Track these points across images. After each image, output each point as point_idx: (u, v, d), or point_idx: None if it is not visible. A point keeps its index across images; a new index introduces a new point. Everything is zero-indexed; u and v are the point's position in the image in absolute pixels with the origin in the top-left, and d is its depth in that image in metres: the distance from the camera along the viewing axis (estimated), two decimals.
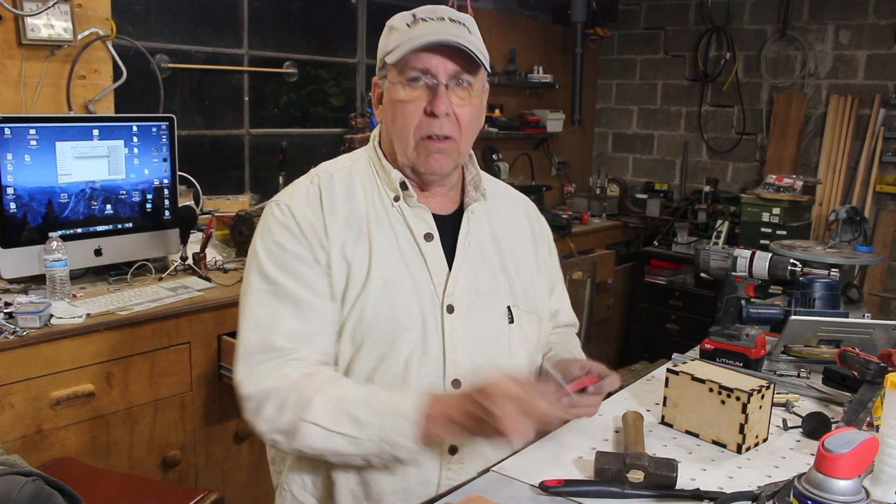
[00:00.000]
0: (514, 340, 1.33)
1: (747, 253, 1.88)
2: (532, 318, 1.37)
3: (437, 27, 1.22)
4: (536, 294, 1.41)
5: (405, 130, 1.24)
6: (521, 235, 1.43)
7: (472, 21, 1.29)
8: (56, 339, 2.06)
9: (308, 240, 1.24)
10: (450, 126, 1.24)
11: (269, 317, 1.21)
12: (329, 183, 1.30)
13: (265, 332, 1.21)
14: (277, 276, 1.23)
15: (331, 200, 1.28)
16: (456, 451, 1.26)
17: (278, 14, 3.62)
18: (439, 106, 1.21)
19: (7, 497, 1.04)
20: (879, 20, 4.27)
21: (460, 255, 1.30)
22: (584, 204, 4.82)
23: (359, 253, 1.25)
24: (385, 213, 1.29)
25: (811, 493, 0.95)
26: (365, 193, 1.30)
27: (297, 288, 1.22)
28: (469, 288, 1.29)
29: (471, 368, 1.26)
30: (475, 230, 1.34)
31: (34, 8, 2.47)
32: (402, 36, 1.23)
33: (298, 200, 1.28)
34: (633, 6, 5.16)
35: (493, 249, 1.36)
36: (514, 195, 1.50)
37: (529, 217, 1.48)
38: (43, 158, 2.33)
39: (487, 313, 1.30)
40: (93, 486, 1.83)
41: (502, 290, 1.34)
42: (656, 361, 4.14)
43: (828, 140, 4.45)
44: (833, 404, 1.62)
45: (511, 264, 1.37)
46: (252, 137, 3.59)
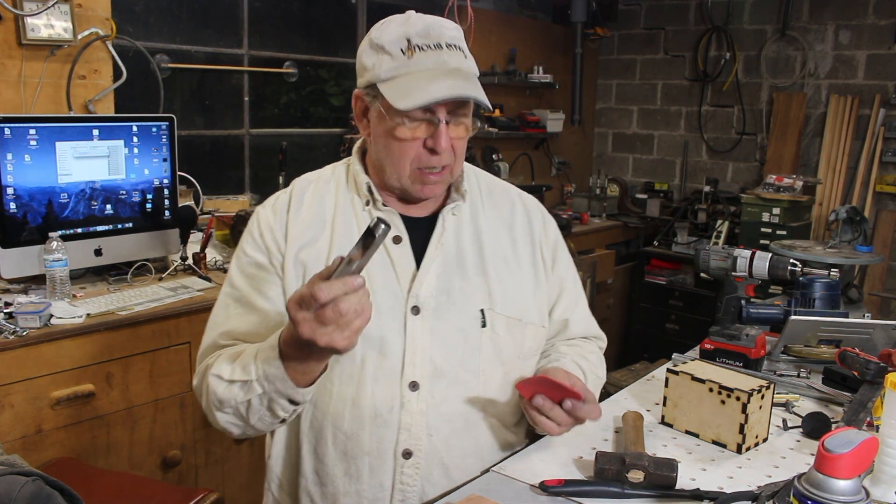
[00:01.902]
0: (485, 345, 1.28)
1: (747, 253, 1.88)
2: (513, 322, 1.31)
3: (436, 60, 1.17)
4: (526, 299, 1.35)
5: (401, 162, 1.22)
6: (514, 237, 1.38)
7: (461, 36, 1.24)
8: (56, 339, 2.06)
9: (266, 245, 1.28)
10: (448, 157, 1.22)
11: (224, 318, 1.29)
12: (303, 190, 1.33)
13: (215, 331, 1.29)
14: (237, 280, 1.30)
15: (298, 205, 1.30)
16: (410, 456, 1.24)
17: (278, 14, 3.62)
18: (441, 143, 1.19)
19: (7, 497, 1.04)
20: (879, 20, 4.27)
21: (429, 257, 1.27)
22: (584, 204, 4.83)
23: (316, 255, 1.26)
24: (354, 217, 1.29)
25: (811, 493, 0.95)
26: (337, 199, 1.31)
27: (249, 292, 1.27)
28: (439, 290, 1.26)
29: (432, 371, 1.23)
30: (453, 232, 1.31)
31: (34, 8, 2.47)
32: (397, 66, 1.18)
33: (267, 209, 1.33)
34: (633, 6, 5.16)
35: (473, 252, 1.32)
36: (515, 196, 1.45)
37: (531, 218, 1.42)
38: (43, 158, 2.33)
39: (456, 316, 1.27)
40: (93, 486, 1.83)
41: (477, 292, 1.29)
42: (656, 361, 4.15)
43: (828, 140, 4.45)
44: (833, 404, 1.62)
45: (492, 267, 1.32)
46: (252, 137, 3.59)
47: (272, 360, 1.10)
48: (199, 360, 1.30)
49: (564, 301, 1.44)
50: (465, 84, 1.17)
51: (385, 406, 1.22)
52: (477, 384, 1.27)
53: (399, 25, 1.20)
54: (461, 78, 1.18)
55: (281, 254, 1.27)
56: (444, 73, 1.17)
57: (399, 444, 1.23)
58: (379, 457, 1.24)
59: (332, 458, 1.26)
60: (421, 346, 1.24)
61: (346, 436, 1.24)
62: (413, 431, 1.23)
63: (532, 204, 1.46)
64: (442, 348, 1.25)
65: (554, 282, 1.42)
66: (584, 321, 1.48)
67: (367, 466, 1.24)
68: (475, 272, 1.30)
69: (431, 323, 1.25)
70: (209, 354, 1.28)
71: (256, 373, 1.12)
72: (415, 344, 1.24)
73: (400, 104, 1.15)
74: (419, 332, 1.24)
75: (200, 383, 1.25)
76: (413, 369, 1.23)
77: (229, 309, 1.29)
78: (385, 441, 1.23)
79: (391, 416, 1.23)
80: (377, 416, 1.23)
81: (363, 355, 1.22)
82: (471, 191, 1.36)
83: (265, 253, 1.28)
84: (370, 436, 1.23)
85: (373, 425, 1.23)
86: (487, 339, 1.28)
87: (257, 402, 1.14)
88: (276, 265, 1.27)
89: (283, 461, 1.34)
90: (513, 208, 1.41)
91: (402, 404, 1.22)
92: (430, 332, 1.25)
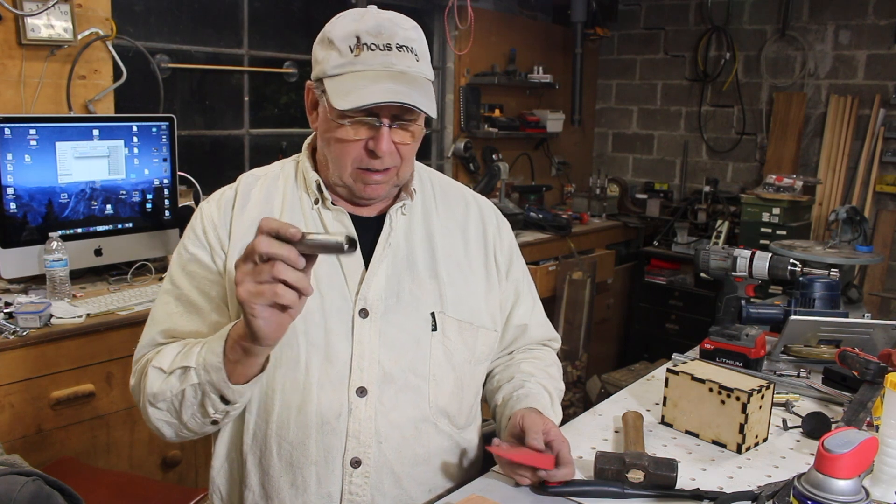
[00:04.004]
0: (435, 350, 1.24)
1: (747, 253, 1.88)
2: (465, 326, 1.28)
3: (382, 61, 1.14)
4: (478, 303, 1.31)
5: (342, 161, 1.19)
6: (467, 240, 1.34)
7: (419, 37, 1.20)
8: (56, 339, 2.06)
9: (209, 242, 1.25)
10: (391, 160, 1.19)
11: (163, 316, 1.26)
12: (249, 186, 1.29)
13: (154, 329, 1.26)
14: (178, 277, 1.26)
15: (244, 202, 1.27)
16: (359, 465, 1.20)
17: (278, 14, 3.63)
18: (381, 147, 1.15)
19: (7, 497, 1.04)
20: (879, 20, 4.27)
21: (377, 258, 1.24)
22: (584, 204, 4.82)
23: None
24: (302, 215, 1.26)
25: (811, 493, 0.95)
26: (285, 197, 1.27)
27: (190, 290, 1.25)
28: (389, 292, 1.23)
29: (380, 376, 1.20)
30: (403, 233, 1.28)
31: (34, 8, 2.47)
32: (343, 63, 1.15)
33: (211, 203, 1.29)
34: (633, 6, 5.16)
35: (424, 254, 1.28)
36: (470, 198, 1.40)
37: (485, 221, 1.38)
38: (43, 158, 2.33)
39: (406, 319, 1.23)
40: (93, 486, 1.83)
41: (428, 295, 1.26)
42: (656, 361, 4.15)
43: (828, 140, 4.45)
44: (833, 404, 1.62)
45: (444, 270, 1.28)
46: (252, 137, 3.59)
47: (215, 349, 1.08)
48: (136, 359, 1.26)
49: (522, 306, 1.42)
50: (407, 89, 1.13)
51: (332, 413, 1.19)
52: (428, 389, 1.24)
53: (352, 21, 1.17)
54: (405, 83, 1.14)
55: (224, 252, 1.24)
56: (388, 76, 1.14)
57: (347, 453, 1.19)
58: (326, 466, 1.20)
59: (278, 470, 1.21)
60: (369, 350, 1.20)
61: (291, 445, 1.20)
62: (361, 439, 1.20)
63: (487, 207, 1.42)
64: (391, 352, 1.21)
65: (509, 287, 1.39)
66: (542, 325, 1.47)
67: (314, 476, 1.20)
68: (427, 274, 1.27)
69: (380, 326, 1.21)
70: (147, 352, 1.25)
71: (197, 360, 1.11)
72: (362, 348, 1.20)
73: (338, 103, 1.13)
74: (367, 336, 1.20)
75: (138, 383, 1.23)
76: (361, 374, 1.19)
77: (170, 307, 1.26)
78: (332, 450, 1.19)
79: (339, 424, 1.19)
80: (324, 424, 1.19)
81: (307, 361, 1.19)
82: (423, 191, 1.33)
83: (207, 251, 1.25)
84: (317, 444, 1.19)
85: (319, 433, 1.19)
86: (438, 343, 1.25)
87: (191, 394, 1.12)
88: (218, 263, 1.24)
89: (227, 475, 1.30)
90: (467, 211, 1.37)
91: (350, 411, 1.19)
92: (379, 336, 1.21)
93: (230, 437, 1.29)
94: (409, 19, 1.21)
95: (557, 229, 4.07)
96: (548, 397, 1.34)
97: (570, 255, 4.12)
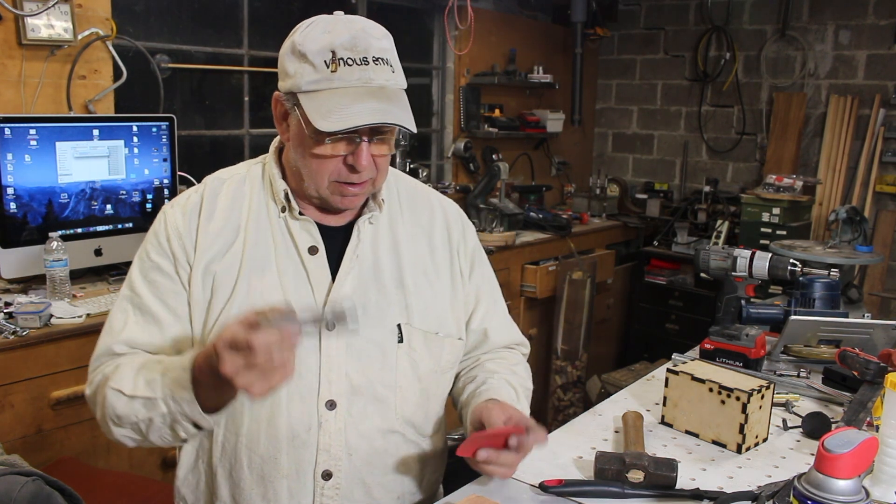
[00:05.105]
0: (401, 361, 1.24)
1: (747, 253, 1.88)
2: (430, 337, 1.27)
3: (361, 76, 1.12)
4: (444, 311, 1.31)
5: (319, 175, 1.18)
6: (433, 246, 1.33)
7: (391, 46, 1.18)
8: (56, 339, 2.06)
9: (172, 252, 1.22)
10: (369, 173, 1.18)
11: (121, 323, 1.23)
12: (215, 191, 1.26)
13: (112, 338, 1.22)
14: (139, 284, 1.24)
15: (210, 210, 1.24)
16: (330, 477, 1.20)
17: (278, 14, 3.62)
18: (361, 162, 1.15)
19: (7, 497, 1.04)
20: (879, 20, 4.27)
21: (344, 269, 1.23)
22: (584, 204, 4.82)
23: (227, 265, 1.21)
24: (269, 224, 1.24)
25: (811, 492, 0.95)
26: (251, 203, 1.25)
27: (151, 300, 1.22)
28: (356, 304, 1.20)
29: (349, 388, 1.20)
30: (370, 243, 1.27)
31: (34, 8, 2.47)
32: (320, 79, 1.12)
33: (176, 209, 1.25)
34: (633, 6, 5.16)
35: (390, 263, 1.28)
36: (435, 202, 1.39)
37: (449, 226, 1.37)
38: (43, 158, 2.33)
39: (372, 331, 1.23)
40: (93, 486, 1.83)
41: (394, 306, 1.25)
42: (656, 361, 4.15)
43: (828, 140, 4.45)
44: (833, 404, 1.62)
45: (410, 279, 1.27)
46: (252, 137, 3.59)
47: (183, 383, 1.07)
48: (92, 367, 1.24)
49: (481, 310, 1.39)
50: (388, 107, 1.12)
51: (302, 426, 1.19)
52: (395, 400, 1.24)
53: (324, 33, 1.14)
54: (385, 99, 1.13)
55: (189, 264, 1.22)
56: (368, 92, 1.12)
57: (318, 466, 1.20)
58: (298, 479, 1.20)
59: (249, 483, 1.21)
60: (336, 363, 1.20)
61: (262, 458, 1.20)
62: (332, 452, 1.20)
63: (452, 210, 1.40)
64: (358, 364, 1.21)
65: (471, 290, 1.37)
66: (504, 329, 1.43)
67: (285, 490, 1.20)
68: (392, 284, 1.26)
69: (347, 339, 1.20)
70: (103, 362, 1.22)
71: (163, 391, 1.10)
72: (330, 361, 1.20)
73: (321, 124, 1.10)
74: (335, 349, 1.20)
75: (95, 393, 1.20)
76: (329, 387, 1.19)
77: (128, 315, 1.23)
78: (303, 462, 1.20)
79: (309, 437, 1.19)
80: (294, 437, 1.19)
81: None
82: (389, 198, 1.32)
83: (170, 260, 1.22)
84: (288, 458, 1.19)
85: (290, 446, 1.19)
86: (404, 355, 1.25)
87: (160, 421, 1.12)
88: (181, 275, 1.22)
89: (194, 486, 1.28)
90: (432, 216, 1.36)
91: (320, 424, 1.19)
92: (346, 349, 1.21)
93: (197, 448, 1.27)
94: (380, 27, 1.19)
95: (557, 229, 4.07)
96: (512, 392, 1.32)
97: (570, 255, 4.12)
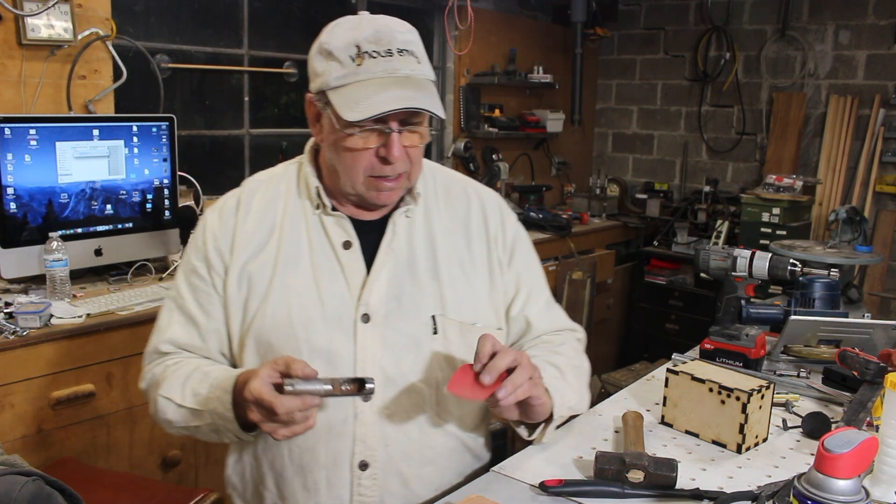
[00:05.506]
0: (436, 352, 1.25)
1: (747, 253, 1.88)
2: (466, 328, 1.27)
3: (385, 67, 1.14)
4: (481, 302, 1.30)
5: (354, 171, 1.20)
6: (469, 237, 1.33)
7: (416, 39, 1.20)
8: (56, 339, 2.06)
9: (207, 257, 1.28)
10: (402, 165, 1.19)
11: (165, 322, 1.31)
12: (253, 192, 1.31)
13: (159, 336, 1.31)
14: (182, 286, 1.31)
15: (246, 210, 1.29)
16: (367, 467, 1.23)
17: (278, 14, 3.63)
18: (393, 153, 1.16)
19: (7, 497, 1.04)
20: (879, 20, 4.27)
21: (379, 263, 1.25)
22: (584, 204, 4.82)
23: (262, 263, 1.25)
24: (303, 221, 1.27)
25: (811, 492, 0.95)
26: (287, 202, 1.29)
27: (190, 301, 1.29)
28: (390, 296, 1.24)
29: (384, 380, 1.21)
30: (405, 236, 1.28)
31: (34, 8, 2.47)
32: (346, 74, 1.15)
33: (214, 213, 1.31)
34: (633, 6, 5.16)
35: (426, 255, 1.28)
36: (472, 192, 1.38)
37: (487, 216, 1.36)
38: (43, 158, 2.33)
39: (407, 323, 1.24)
40: (93, 486, 1.83)
41: (428, 298, 1.26)
42: (656, 361, 4.15)
43: (828, 140, 4.45)
44: (833, 404, 1.62)
45: (445, 271, 1.28)
46: (252, 137, 3.59)
47: (225, 404, 1.16)
48: (145, 362, 1.33)
49: (522, 297, 1.37)
50: (415, 94, 1.14)
51: (338, 418, 1.21)
52: (430, 392, 1.25)
53: (349, 30, 1.17)
54: (412, 87, 1.15)
55: (224, 265, 1.26)
56: (394, 81, 1.14)
57: (355, 456, 1.22)
58: (335, 469, 1.23)
59: (290, 472, 1.25)
60: (371, 355, 1.22)
61: (301, 449, 1.23)
62: (368, 443, 1.22)
63: (490, 200, 1.39)
64: (393, 357, 1.23)
65: (510, 279, 1.36)
66: (546, 315, 1.40)
67: (324, 479, 1.23)
68: (427, 276, 1.27)
69: (382, 331, 1.23)
70: (154, 360, 1.31)
71: (208, 407, 1.19)
72: (365, 353, 1.22)
73: (348, 115, 1.13)
74: (369, 341, 1.22)
75: (147, 391, 1.31)
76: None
77: (172, 315, 1.31)
78: (340, 453, 1.22)
79: (345, 428, 1.22)
80: (331, 429, 1.22)
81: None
82: (426, 191, 1.33)
83: (205, 265, 1.27)
84: (325, 448, 1.23)
85: (327, 437, 1.22)
86: (439, 346, 1.25)
87: (206, 429, 1.22)
88: (215, 281, 1.27)
89: (241, 475, 1.34)
90: (469, 206, 1.36)
91: (356, 415, 1.22)
92: (381, 341, 1.22)
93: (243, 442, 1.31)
94: (404, 22, 1.21)
95: (557, 229, 4.07)
96: (554, 370, 1.27)
97: (570, 255, 4.12)
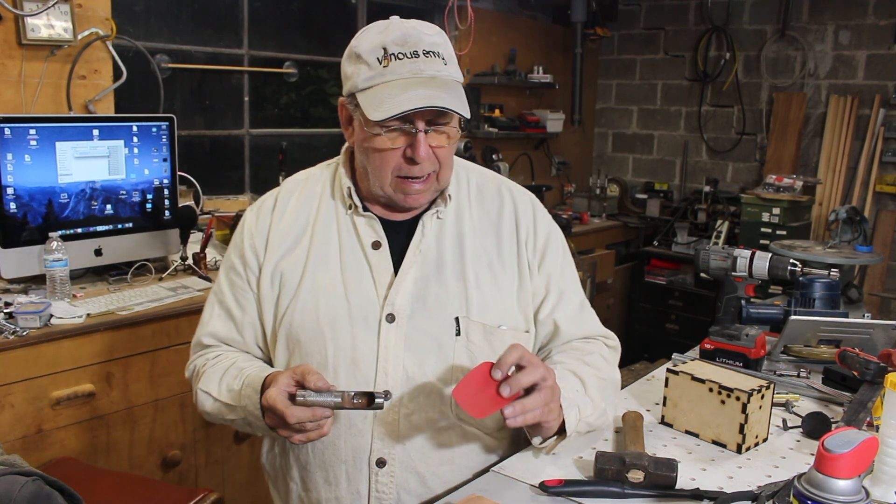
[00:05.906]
0: (459, 354, 1.25)
1: (747, 253, 1.88)
2: (491, 330, 1.26)
3: (411, 68, 1.15)
4: (507, 304, 1.29)
5: (382, 171, 1.21)
6: (500, 238, 1.32)
7: (444, 41, 1.21)
8: (56, 339, 2.06)
9: (244, 255, 1.32)
10: (430, 165, 1.20)
11: (207, 316, 1.37)
12: (290, 192, 1.35)
13: (202, 329, 1.37)
14: (222, 282, 1.36)
15: (283, 209, 1.33)
16: (384, 465, 1.25)
17: (278, 14, 3.63)
18: (419, 153, 1.17)
19: (7, 497, 1.04)
20: (879, 20, 4.27)
21: (407, 263, 1.26)
22: (584, 204, 4.83)
23: (294, 261, 1.29)
24: (336, 221, 1.30)
25: (811, 492, 0.95)
26: (321, 203, 1.32)
27: (228, 296, 1.34)
28: (416, 297, 1.25)
29: (405, 380, 1.23)
30: (434, 236, 1.29)
31: (34, 8, 2.47)
32: (373, 76, 1.16)
33: (253, 212, 1.36)
34: (633, 6, 5.16)
35: (454, 255, 1.28)
36: (506, 192, 1.37)
37: (518, 218, 1.34)
38: (43, 158, 2.33)
39: (431, 324, 1.24)
40: (93, 486, 1.83)
41: (454, 299, 1.26)
42: (656, 361, 4.15)
43: (828, 140, 4.45)
44: (833, 404, 1.62)
45: (472, 272, 1.27)
46: (252, 137, 3.59)
47: (255, 402, 1.19)
48: (191, 352, 1.40)
49: (551, 301, 1.34)
50: (439, 93, 1.15)
51: (359, 414, 1.24)
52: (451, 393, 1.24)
53: (377, 34, 1.19)
54: (436, 87, 1.16)
55: (258, 263, 1.31)
56: (419, 82, 1.15)
57: (373, 453, 1.25)
58: (355, 465, 1.26)
59: (314, 465, 1.29)
60: (394, 354, 1.23)
61: (323, 444, 1.26)
62: (386, 440, 1.24)
63: (523, 201, 1.37)
64: (415, 357, 1.24)
65: (539, 282, 1.34)
66: (576, 320, 1.36)
67: (344, 474, 1.27)
68: (454, 277, 1.27)
69: (405, 331, 1.24)
70: (197, 352, 1.38)
71: (240, 403, 1.23)
72: (387, 353, 1.23)
73: (373, 115, 1.14)
74: (393, 341, 1.23)
75: (190, 381, 1.37)
76: (385, 378, 1.23)
77: (213, 309, 1.36)
78: (360, 450, 1.25)
79: (364, 425, 1.24)
80: (351, 426, 1.24)
81: (335, 364, 1.24)
82: (459, 191, 1.33)
83: (242, 263, 1.32)
84: (345, 444, 1.25)
85: (348, 433, 1.25)
86: (462, 348, 1.26)
87: (241, 422, 1.27)
88: (250, 278, 1.31)
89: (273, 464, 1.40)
90: (501, 207, 1.35)
91: (376, 413, 1.23)
92: (404, 341, 1.24)
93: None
94: (433, 25, 1.22)
95: None
96: (576, 381, 1.25)
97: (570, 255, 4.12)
